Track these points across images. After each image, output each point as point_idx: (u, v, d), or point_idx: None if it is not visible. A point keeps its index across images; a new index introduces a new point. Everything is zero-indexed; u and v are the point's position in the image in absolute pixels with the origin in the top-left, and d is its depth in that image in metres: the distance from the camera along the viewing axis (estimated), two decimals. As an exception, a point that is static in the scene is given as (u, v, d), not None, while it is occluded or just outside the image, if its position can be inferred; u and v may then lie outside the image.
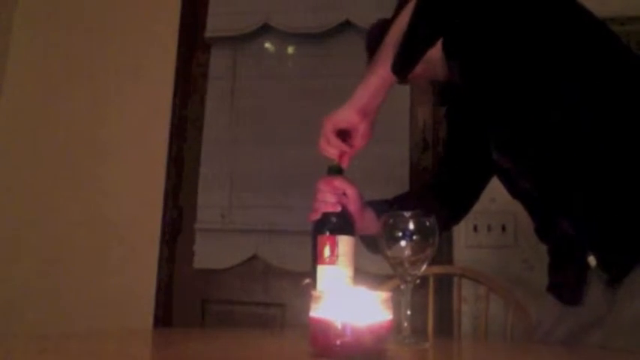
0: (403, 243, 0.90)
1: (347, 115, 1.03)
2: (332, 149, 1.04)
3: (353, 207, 1.07)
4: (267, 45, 2.35)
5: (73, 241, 2.27)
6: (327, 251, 0.96)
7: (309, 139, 2.18)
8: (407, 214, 0.91)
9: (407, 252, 0.90)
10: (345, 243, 0.97)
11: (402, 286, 0.93)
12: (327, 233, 0.98)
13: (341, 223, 1.01)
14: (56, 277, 2.25)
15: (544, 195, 1.05)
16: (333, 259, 0.96)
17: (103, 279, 2.22)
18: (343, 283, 0.95)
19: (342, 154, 1.05)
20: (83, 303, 2.20)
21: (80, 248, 2.26)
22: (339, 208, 1.03)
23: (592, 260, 1.00)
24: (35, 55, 2.49)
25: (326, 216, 1.02)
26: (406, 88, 2.17)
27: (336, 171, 1.06)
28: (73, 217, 2.30)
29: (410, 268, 0.92)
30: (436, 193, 1.31)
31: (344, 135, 1.06)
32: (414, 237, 0.90)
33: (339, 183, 1.05)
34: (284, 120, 2.25)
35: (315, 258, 0.98)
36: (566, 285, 1.10)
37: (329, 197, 1.03)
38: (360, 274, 2.15)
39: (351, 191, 1.08)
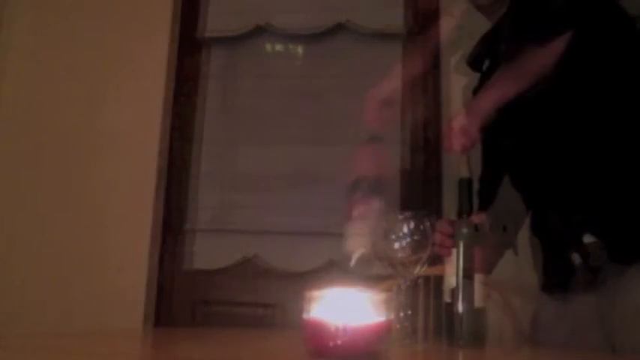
0: (401, 244, 0.91)
1: (393, 86, 1.11)
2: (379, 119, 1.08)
3: None
4: (265, 45, 2.35)
5: (66, 241, 2.26)
6: None
7: (306, 140, 2.21)
8: (404, 215, 0.92)
9: (404, 253, 0.91)
10: None
11: (399, 287, 0.94)
12: None
13: None
14: (50, 277, 2.23)
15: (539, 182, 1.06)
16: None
17: (96, 279, 2.20)
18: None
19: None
20: (76, 303, 2.19)
21: (73, 248, 2.25)
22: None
23: (576, 258, 1.02)
24: (32, 52, 2.47)
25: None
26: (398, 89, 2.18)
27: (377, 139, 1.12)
28: (65, 217, 2.28)
29: (407, 268, 0.92)
30: None
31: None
32: (411, 238, 0.91)
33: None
34: (281, 120, 2.25)
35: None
36: (555, 281, 1.11)
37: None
38: (354, 275, 2.15)
39: None
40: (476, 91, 1.33)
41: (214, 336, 1.13)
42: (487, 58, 1.24)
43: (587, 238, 1.03)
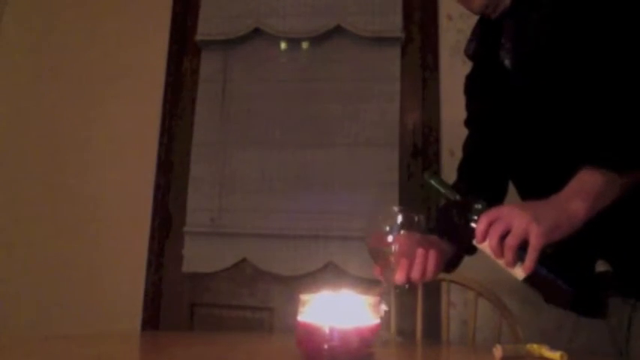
0: (390, 238, 0.90)
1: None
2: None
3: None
4: (261, 48, 2.34)
5: (61, 243, 2.26)
6: None
7: (299, 143, 2.22)
8: (396, 208, 0.91)
9: (394, 247, 0.90)
10: None
11: (395, 289, 0.93)
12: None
13: None
14: (44, 280, 2.23)
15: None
16: None
17: (91, 282, 2.20)
18: None
19: None
20: (71, 306, 2.19)
21: (68, 251, 2.25)
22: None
23: (600, 265, 0.97)
24: (26, 58, 2.48)
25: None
26: (396, 93, 2.18)
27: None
28: (61, 220, 2.28)
29: (395, 264, 0.91)
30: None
31: None
32: (402, 232, 0.90)
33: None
34: (274, 123, 2.25)
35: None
36: (583, 296, 1.08)
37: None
38: (349, 278, 2.15)
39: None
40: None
41: (211, 339, 1.13)
42: (484, 49, 1.20)
43: (600, 266, 0.99)
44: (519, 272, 0.87)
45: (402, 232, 0.91)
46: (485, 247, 0.88)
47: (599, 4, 0.96)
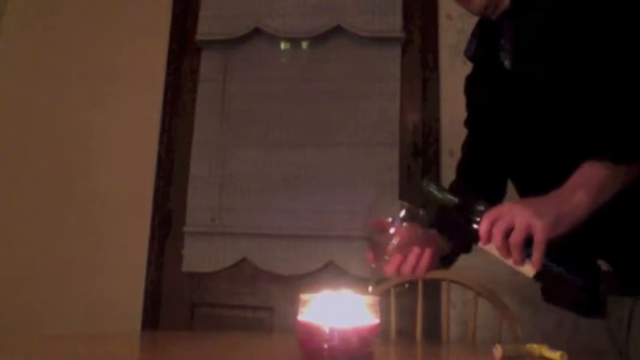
0: (392, 230, 0.90)
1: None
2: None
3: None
4: (258, 49, 2.35)
5: (61, 243, 2.26)
6: None
7: (299, 143, 2.22)
8: (402, 202, 0.91)
9: (397, 240, 0.90)
10: None
11: (396, 289, 0.93)
12: None
13: None
14: (44, 280, 2.23)
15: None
16: None
17: (91, 282, 2.20)
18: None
19: None
20: (71, 306, 2.19)
21: (68, 250, 2.25)
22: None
23: (600, 265, 0.96)
24: (26, 58, 2.48)
25: None
26: (396, 93, 2.18)
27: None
28: (61, 219, 2.28)
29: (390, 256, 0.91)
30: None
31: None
32: (404, 224, 0.90)
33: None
34: (274, 123, 2.25)
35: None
36: (593, 288, 1.07)
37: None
38: (349, 277, 2.15)
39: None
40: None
41: (208, 339, 1.13)
42: (483, 50, 1.20)
43: (600, 266, 0.96)
44: (528, 269, 0.86)
45: (404, 224, 0.91)
46: (491, 248, 0.87)
47: (598, 5, 0.96)
